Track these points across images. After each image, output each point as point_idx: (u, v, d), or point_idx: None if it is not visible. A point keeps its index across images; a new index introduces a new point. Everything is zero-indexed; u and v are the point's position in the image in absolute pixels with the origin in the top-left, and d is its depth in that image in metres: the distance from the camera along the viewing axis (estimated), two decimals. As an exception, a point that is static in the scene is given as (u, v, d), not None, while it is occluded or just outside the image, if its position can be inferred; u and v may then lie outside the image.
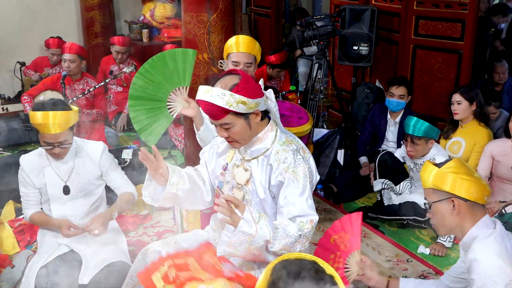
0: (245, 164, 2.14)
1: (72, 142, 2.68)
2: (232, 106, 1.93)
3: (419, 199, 3.60)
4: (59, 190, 2.73)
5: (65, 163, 2.73)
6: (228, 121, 1.98)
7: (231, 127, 2.00)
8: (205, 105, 1.96)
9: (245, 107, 1.95)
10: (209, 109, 1.96)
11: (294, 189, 2.03)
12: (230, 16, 3.61)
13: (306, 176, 2.04)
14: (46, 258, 2.65)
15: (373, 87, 5.01)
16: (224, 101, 1.92)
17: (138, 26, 6.65)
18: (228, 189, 2.21)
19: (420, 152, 3.51)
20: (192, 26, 3.54)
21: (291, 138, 2.14)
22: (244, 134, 2.04)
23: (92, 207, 2.84)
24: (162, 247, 2.23)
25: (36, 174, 2.72)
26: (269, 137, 2.10)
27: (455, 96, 3.78)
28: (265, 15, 6.93)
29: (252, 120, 2.03)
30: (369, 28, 4.86)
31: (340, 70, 5.79)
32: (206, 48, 3.55)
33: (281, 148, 2.07)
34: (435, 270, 3.12)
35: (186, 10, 3.57)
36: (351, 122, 4.90)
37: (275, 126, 2.14)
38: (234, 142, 2.07)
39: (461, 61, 4.51)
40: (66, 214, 2.76)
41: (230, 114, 1.96)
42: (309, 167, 2.08)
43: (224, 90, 1.93)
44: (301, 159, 2.05)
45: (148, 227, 3.66)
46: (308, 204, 2.03)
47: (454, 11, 4.48)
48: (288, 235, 1.96)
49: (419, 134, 3.42)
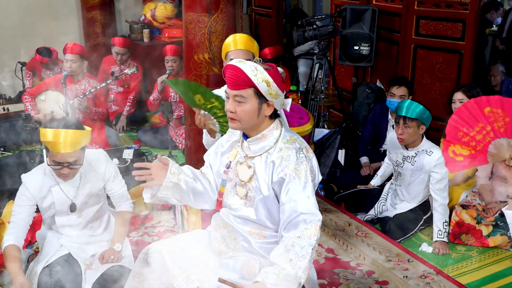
0: (248, 161, 2.15)
1: (82, 163, 2.54)
2: (258, 80, 1.99)
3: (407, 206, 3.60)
4: (66, 208, 2.67)
5: (72, 181, 2.64)
6: (245, 95, 2.02)
7: (244, 103, 2.03)
8: (233, 69, 2.00)
9: (268, 89, 2.01)
10: (235, 75, 2.00)
11: (296, 185, 2.03)
12: (231, 16, 3.61)
13: (308, 174, 2.04)
14: (49, 258, 2.65)
15: (373, 87, 5.01)
16: (253, 73, 1.98)
17: (139, 26, 6.64)
18: (231, 187, 2.21)
19: (410, 137, 3.40)
20: (193, 26, 3.54)
21: (295, 137, 2.15)
22: (250, 116, 2.05)
23: (96, 214, 2.82)
24: (163, 247, 2.23)
25: (43, 195, 2.62)
26: (273, 135, 2.12)
27: (457, 94, 3.75)
28: (266, 15, 6.93)
29: (263, 109, 2.06)
30: (370, 28, 4.86)
31: (341, 70, 5.79)
32: (207, 48, 3.55)
33: (284, 146, 2.08)
34: (436, 270, 3.12)
35: (187, 10, 3.57)
36: (352, 122, 4.90)
37: (281, 125, 2.16)
38: (236, 121, 2.08)
39: (462, 61, 4.51)
40: (70, 224, 2.74)
41: (251, 90, 2.01)
42: (312, 166, 2.08)
43: (258, 65, 2.01)
44: (304, 158, 2.06)
45: (149, 227, 3.66)
46: (310, 201, 2.03)
47: (455, 11, 4.48)
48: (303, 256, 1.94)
49: (412, 116, 3.34)
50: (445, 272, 3.12)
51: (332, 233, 3.57)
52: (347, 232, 3.58)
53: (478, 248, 3.40)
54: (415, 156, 3.48)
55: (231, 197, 2.22)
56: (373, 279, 3.06)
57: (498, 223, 3.40)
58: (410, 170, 3.51)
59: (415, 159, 3.48)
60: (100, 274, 2.64)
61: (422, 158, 3.45)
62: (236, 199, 2.19)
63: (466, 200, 3.63)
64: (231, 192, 2.22)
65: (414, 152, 3.48)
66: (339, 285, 2.99)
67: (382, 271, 3.13)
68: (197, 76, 3.59)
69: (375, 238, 3.50)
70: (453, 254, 3.35)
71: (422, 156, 3.45)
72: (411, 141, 3.45)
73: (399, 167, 3.60)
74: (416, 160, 3.47)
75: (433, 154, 3.41)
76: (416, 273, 3.10)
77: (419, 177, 3.48)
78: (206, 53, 3.56)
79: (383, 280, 3.04)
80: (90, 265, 2.67)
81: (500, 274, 3.13)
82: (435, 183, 3.39)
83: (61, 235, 2.75)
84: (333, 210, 3.88)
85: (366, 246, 3.41)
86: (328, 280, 3.02)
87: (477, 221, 3.43)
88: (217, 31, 3.52)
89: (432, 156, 3.40)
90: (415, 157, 3.48)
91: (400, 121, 3.41)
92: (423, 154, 3.45)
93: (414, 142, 3.46)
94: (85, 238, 2.78)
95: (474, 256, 3.33)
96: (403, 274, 3.09)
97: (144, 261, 2.26)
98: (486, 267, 3.21)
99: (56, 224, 2.74)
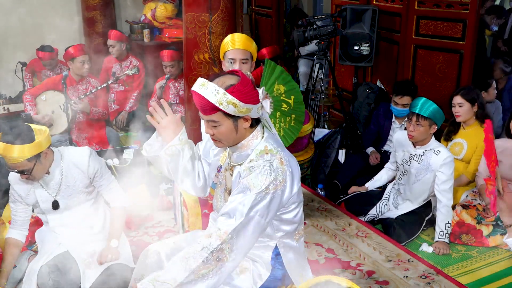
0: (232, 169, 2.13)
1: (31, 170, 2.58)
2: (223, 105, 1.91)
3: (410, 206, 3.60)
4: (49, 206, 2.73)
5: (53, 178, 2.71)
6: (216, 119, 1.97)
7: (218, 126, 1.99)
8: (197, 97, 1.94)
9: (235, 109, 1.93)
10: (200, 102, 1.95)
11: (238, 191, 1.94)
12: (231, 16, 3.62)
13: (261, 188, 1.91)
14: (47, 256, 2.66)
15: (374, 87, 5.01)
16: (216, 98, 1.91)
17: (139, 26, 6.64)
18: (221, 191, 2.20)
19: (421, 135, 3.38)
20: (193, 26, 3.55)
21: (272, 147, 2.04)
22: (229, 136, 2.02)
23: (90, 210, 2.84)
24: (161, 247, 2.23)
25: (26, 192, 2.73)
26: (253, 145, 2.06)
27: (456, 98, 3.76)
28: (266, 15, 6.93)
29: (240, 125, 2.00)
30: (370, 28, 4.86)
31: (341, 70, 5.79)
32: (207, 48, 3.56)
33: (255, 157, 2.02)
34: (436, 270, 3.12)
35: (187, 10, 3.57)
36: (352, 122, 4.90)
37: (261, 134, 2.08)
38: (218, 142, 2.06)
39: (462, 61, 4.51)
40: (63, 223, 2.77)
41: (219, 113, 1.95)
42: (273, 180, 1.93)
43: (218, 88, 1.92)
44: (268, 170, 1.95)
45: (149, 227, 3.66)
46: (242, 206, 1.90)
47: (455, 11, 4.48)
48: (193, 257, 1.86)
49: (425, 114, 3.30)
50: (445, 272, 3.12)
51: (332, 233, 3.57)
52: (347, 232, 3.58)
53: (478, 248, 3.40)
54: (423, 155, 3.45)
55: (220, 201, 2.21)
56: (373, 279, 3.06)
57: (498, 223, 3.41)
58: (416, 169, 3.49)
59: (422, 157, 3.45)
60: (100, 272, 2.64)
61: (429, 157, 3.42)
62: (223, 204, 2.16)
63: (466, 200, 3.63)
64: (220, 196, 2.21)
65: (422, 150, 3.45)
66: (339, 285, 2.99)
67: (383, 271, 3.13)
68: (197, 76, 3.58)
69: (376, 238, 3.50)
70: (453, 254, 3.34)
71: (430, 155, 3.42)
72: (421, 139, 3.42)
73: (405, 165, 3.58)
74: (424, 158, 3.44)
75: (440, 154, 3.38)
76: (416, 273, 3.10)
77: (425, 176, 3.46)
78: (206, 53, 3.56)
79: (383, 280, 3.04)
80: (89, 264, 2.67)
81: (500, 274, 3.13)
82: (440, 183, 3.36)
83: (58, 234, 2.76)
84: (333, 210, 3.88)
85: (366, 246, 3.41)
86: (328, 280, 3.02)
87: (477, 221, 3.43)
88: (217, 31, 3.53)
89: (440, 155, 3.37)
90: (423, 156, 3.45)
91: (413, 118, 3.37)
92: (431, 153, 3.42)
93: (423, 140, 3.43)
94: (83, 237, 2.79)
95: (474, 256, 3.33)
96: (403, 274, 3.09)
97: (144, 263, 2.26)
98: (486, 267, 3.21)
99: (49, 224, 2.79)
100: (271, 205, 1.94)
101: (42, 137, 2.56)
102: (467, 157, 3.78)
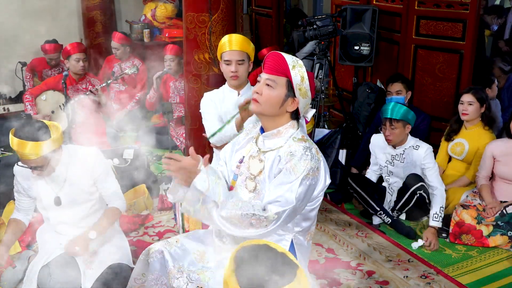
0: (261, 155, 2.16)
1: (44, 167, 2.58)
2: (294, 71, 2.05)
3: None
4: (52, 201, 2.72)
5: (58, 174, 2.69)
6: (277, 81, 2.06)
7: (272, 88, 2.07)
8: (276, 56, 2.07)
9: (300, 83, 2.07)
10: (276, 61, 2.06)
11: (284, 177, 2.02)
12: (231, 16, 3.62)
13: (304, 173, 2.01)
14: (47, 257, 2.65)
15: (374, 87, 5.01)
16: (293, 64, 2.06)
17: (139, 26, 6.65)
18: (242, 181, 2.20)
19: (398, 137, 3.59)
20: (193, 26, 3.55)
21: (308, 138, 2.16)
22: (273, 104, 2.08)
23: (91, 211, 2.82)
24: (164, 247, 2.23)
25: (29, 185, 2.73)
26: (288, 133, 2.14)
27: (466, 96, 3.75)
28: (266, 15, 6.92)
29: (287, 102, 2.09)
30: (370, 28, 4.86)
31: (341, 70, 5.79)
32: (207, 48, 3.56)
33: (294, 143, 2.09)
34: (436, 270, 3.12)
35: (187, 10, 3.57)
36: (352, 122, 4.90)
37: (297, 126, 2.18)
38: (258, 104, 2.10)
39: (462, 61, 4.51)
40: (63, 220, 2.77)
41: (284, 79, 2.06)
42: (313, 167, 2.03)
43: (300, 60, 2.10)
44: (309, 156, 2.03)
45: (149, 227, 3.66)
46: (288, 194, 1.98)
47: (455, 11, 4.47)
48: (241, 207, 1.97)
49: (397, 117, 3.52)
50: (445, 272, 3.12)
51: (332, 233, 3.57)
52: (347, 232, 3.58)
53: (478, 248, 3.40)
54: (403, 153, 3.65)
55: (241, 191, 2.20)
56: (373, 279, 3.06)
57: (498, 223, 3.41)
58: (402, 168, 3.68)
59: (403, 156, 3.65)
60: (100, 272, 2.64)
61: (410, 154, 3.63)
62: (245, 192, 2.18)
63: (466, 200, 3.63)
64: (241, 186, 2.21)
65: (402, 149, 3.66)
66: (340, 285, 2.99)
67: (383, 271, 3.13)
68: (197, 76, 3.59)
69: (376, 238, 3.50)
70: (453, 254, 3.35)
71: (410, 151, 3.63)
72: (399, 141, 3.62)
73: (389, 166, 3.75)
74: (405, 157, 3.65)
75: (420, 148, 3.59)
76: (416, 273, 3.10)
77: (412, 171, 3.63)
78: (206, 53, 3.56)
79: (383, 280, 3.04)
80: (90, 264, 2.67)
81: (500, 274, 3.13)
82: (428, 171, 3.55)
83: (59, 234, 2.76)
84: (333, 210, 3.88)
85: (367, 246, 3.41)
86: (329, 280, 3.02)
87: (477, 221, 3.43)
88: (217, 31, 3.53)
89: (420, 150, 3.58)
90: (403, 154, 3.65)
91: (386, 123, 3.59)
92: (411, 149, 3.62)
93: (401, 141, 3.64)
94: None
95: (474, 256, 3.33)
96: (403, 274, 3.09)
97: (146, 263, 2.26)
98: (486, 267, 3.21)
99: (50, 221, 2.79)
100: (308, 192, 2.04)
101: (58, 134, 2.58)
102: (468, 157, 3.78)
